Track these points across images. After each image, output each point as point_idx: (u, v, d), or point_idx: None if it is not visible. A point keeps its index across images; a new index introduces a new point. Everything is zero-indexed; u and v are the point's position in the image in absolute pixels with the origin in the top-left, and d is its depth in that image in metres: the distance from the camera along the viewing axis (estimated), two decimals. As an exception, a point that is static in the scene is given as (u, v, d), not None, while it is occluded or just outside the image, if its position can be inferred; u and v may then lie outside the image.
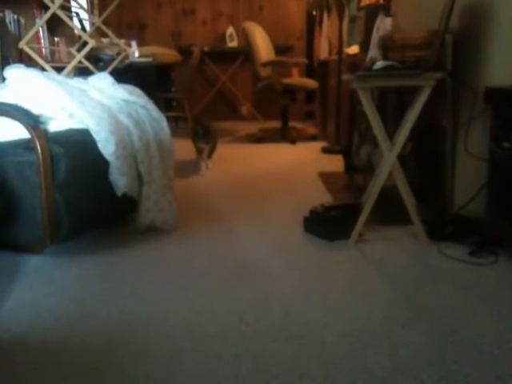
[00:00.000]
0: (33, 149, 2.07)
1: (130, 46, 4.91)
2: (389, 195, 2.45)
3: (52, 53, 4.55)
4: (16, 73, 2.37)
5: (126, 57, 4.65)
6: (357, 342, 1.53)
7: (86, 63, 4.03)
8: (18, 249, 2.22)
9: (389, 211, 2.64)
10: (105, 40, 4.97)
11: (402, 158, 2.45)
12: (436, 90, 2.23)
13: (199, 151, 3.90)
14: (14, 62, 3.52)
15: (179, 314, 1.71)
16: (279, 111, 5.74)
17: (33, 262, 2.14)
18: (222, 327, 1.62)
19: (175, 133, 3.14)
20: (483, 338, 1.54)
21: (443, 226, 2.38)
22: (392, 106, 3.09)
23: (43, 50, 4.35)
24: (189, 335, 1.57)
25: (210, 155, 3.99)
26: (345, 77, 2.37)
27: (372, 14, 3.60)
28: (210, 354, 1.47)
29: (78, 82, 2.59)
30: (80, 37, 4.20)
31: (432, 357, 1.44)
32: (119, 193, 2.31)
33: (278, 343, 1.52)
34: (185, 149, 4.10)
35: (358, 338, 1.55)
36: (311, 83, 5.71)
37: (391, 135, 2.41)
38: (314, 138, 5.55)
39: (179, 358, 1.45)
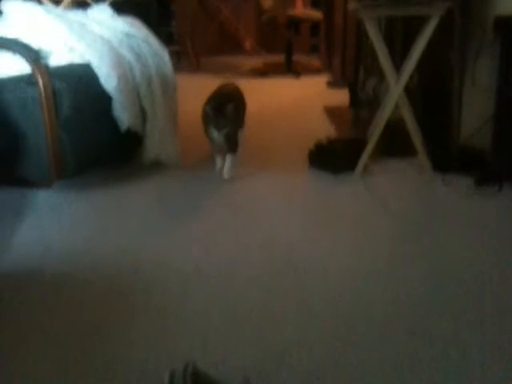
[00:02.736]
0: (35, 84, 2.04)
1: (128, -23, 4.75)
2: (394, 129, 2.43)
3: (49, -15, 4.41)
4: (14, 6, 2.31)
5: (125, -12, 4.50)
6: (360, 276, 1.54)
7: (85, -5, 3.91)
8: (26, 185, 2.24)
9: (394, 144, 2.62)
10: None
11: (408, 91, 2.41)
12: (444, 21, 2.17)
13: (211, 141, 2.40)
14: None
15: (187, 249, 1.73)
16: (283, 44, 5.62)
17: (41, 198, 2.17)
18: (228, 261, 1.64)
19: (178, 68, 3.08)
20: (485, 275, 1.54)
21: (448, 158, 2.38)
22: (399, 38, 3.01)
23: (39, -18, 4.21)
24: (196, 269, 1.60)
25: (230, 148, 2.34)
26: (351, 6, 2.30)
27: None
28: (219, 288, 1.50)
29: (76, 15, 2.53)
30: (77, -32, 4.05)
31: (433, 294, 1.45)
32: (123, 128, 2.30)
33: (282, 277, 1.54)
34: (190, 95, 3.99)
35: (361, 272, 1.57)
36: (316, 15, 5.55)
37: (398, 69, 2.36)
38: (318, 71, 5.46)
39: (188, 291, 1.48)
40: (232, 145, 2.33)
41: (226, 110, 2.23)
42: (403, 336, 1.26)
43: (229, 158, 2.33)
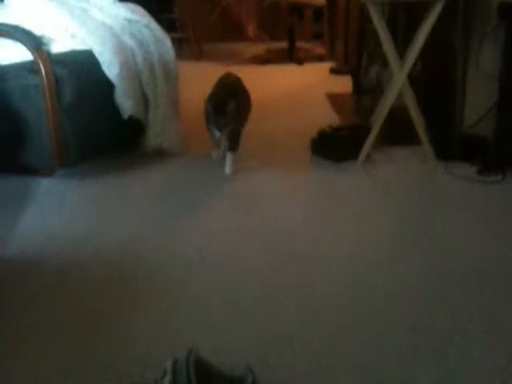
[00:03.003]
0: (37, 71, 2.03)
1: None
2: (397, 116, 2.42)
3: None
4: (15, -8, 2.29)
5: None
6: (361, 262, 1.55)
7: (86, -18, 3.87)
8: (28, 172, 2.23)
9: (397, 132, 2.61)
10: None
11: (411, 78, 2.40)
12: (448, 5, 2.15)
13: (212, 137, 2.33)
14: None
15: (189, 234, 1.74)
16: (286, 31, 5.58)
17: (44, 185, 2.16)
18: (231, 246, 1.65)
19: (180, 55, 3.06)
20: (486, 271, 1.51)
21: (451, 146, 2.37)
22: (402, 24, 2.99)
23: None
24: (199, 254, 1.61)
25: (231, 147, 2.27)
26: (354, -8, 2.28)
27: None
28: (220, 272, 1.50)
29: (78, 1, 2.51)
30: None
31: (434, 284, 1.45)
32: (125, 115, 2.30)
33: (285, 262, 1.55)
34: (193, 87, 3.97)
35: (362, 258, 1.57)
36: (319, 0, 5.51)
37: (401, 56, 2.35)
38: (321, 58, 5.42)
39: (190, 275, 1.49)
40: (233, 144, 2.26)
41: (227, 108, 2.13)
42: (405, 331, 1.26)
43: (229, 155, 2.26)
